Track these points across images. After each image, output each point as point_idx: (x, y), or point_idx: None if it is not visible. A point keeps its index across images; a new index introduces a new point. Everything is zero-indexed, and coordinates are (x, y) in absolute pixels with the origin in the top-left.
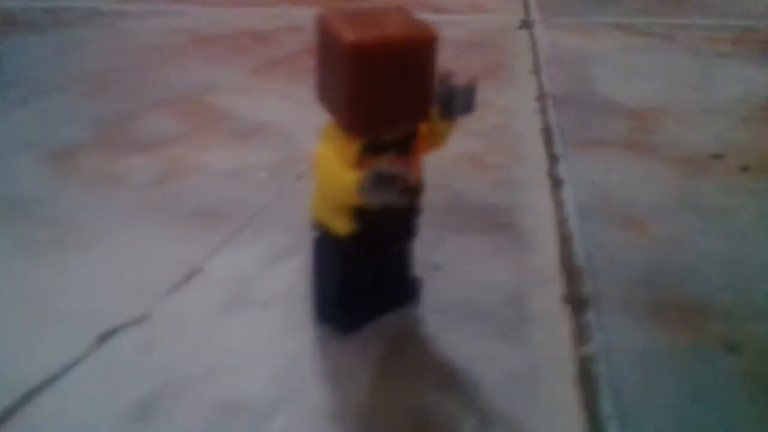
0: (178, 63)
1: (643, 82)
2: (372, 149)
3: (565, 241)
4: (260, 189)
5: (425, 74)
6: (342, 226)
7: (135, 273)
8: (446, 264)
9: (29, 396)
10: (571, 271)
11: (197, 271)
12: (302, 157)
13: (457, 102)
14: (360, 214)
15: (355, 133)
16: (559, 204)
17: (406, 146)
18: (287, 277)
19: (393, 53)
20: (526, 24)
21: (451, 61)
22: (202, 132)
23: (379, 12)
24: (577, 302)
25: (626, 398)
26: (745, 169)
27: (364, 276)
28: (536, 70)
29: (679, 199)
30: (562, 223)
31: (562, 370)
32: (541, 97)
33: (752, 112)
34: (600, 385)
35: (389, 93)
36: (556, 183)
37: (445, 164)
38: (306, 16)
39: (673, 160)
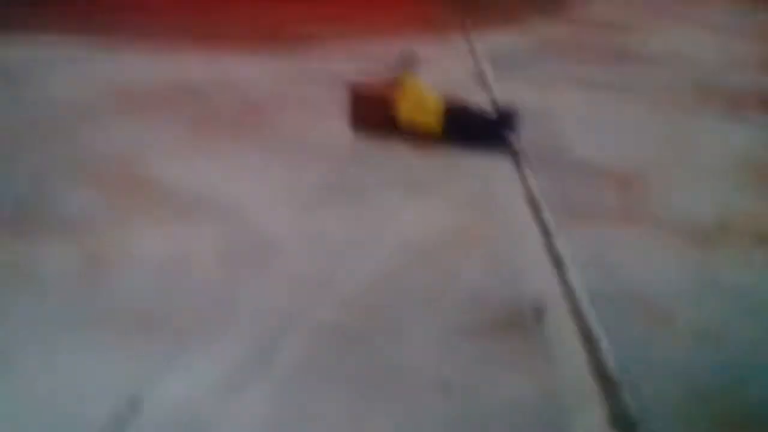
0: (96, 121)
1: (616, 140)
2: None
3: (590, 342)
4: (207, 282)
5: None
6: None
7: (59, 411)
8: (457, 381)
9: None
10: (607, 383)
11: (137, 403)
12: (256, 237)
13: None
14: None
15: None
16: (568, 291)
17: None
18: (254, 412)
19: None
20: (480, 79)
21: None
22: (130, 208)
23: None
24: (626, 426)
25: None
26: (761, 238)
27: None
28: None
29: (698, 278)
30: (579, 318)
31: None
32: (516, 159)
33: (741, 173)
34: None
35: None
36: (558, 264)
37: (430, 240)
38: (244, 69)
39: (675, 232)
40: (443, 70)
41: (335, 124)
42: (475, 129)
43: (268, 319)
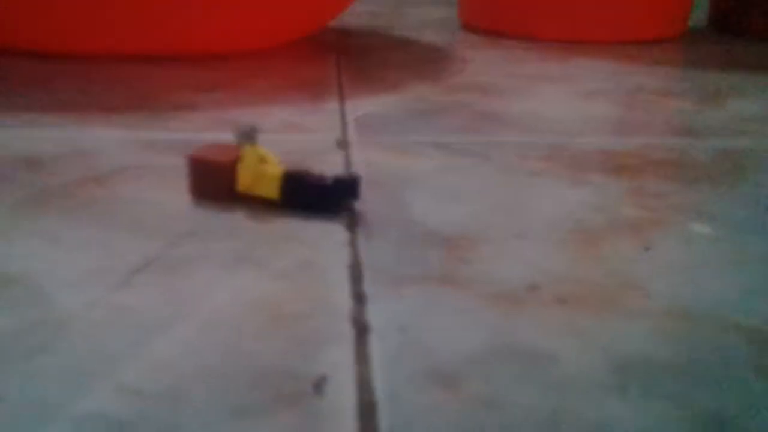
0: None
1: (460, 206)
2: None
3: (366, 413)
4: None
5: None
6: None
7: None
8: None
9: None
10: None
11: None
12: (49, 321)
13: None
14: None
15: None
16: (362, 360)
17: None
18: None
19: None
20: (342, 144)
21: None
22: None
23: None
24: None
25: None
26: (561, 301)
27: None
28: None
29: (494, 344)
30: (364, 387)
31: None
32: (352, 227)
33: (565, 236)
34: None
35: None
36: (362, 332)
37: (237, 319)
38: (99, 139)
39: (487, 295)
40: (307, 136)
41: (176, 196)
42: (312, 196)
43: (26, 413)
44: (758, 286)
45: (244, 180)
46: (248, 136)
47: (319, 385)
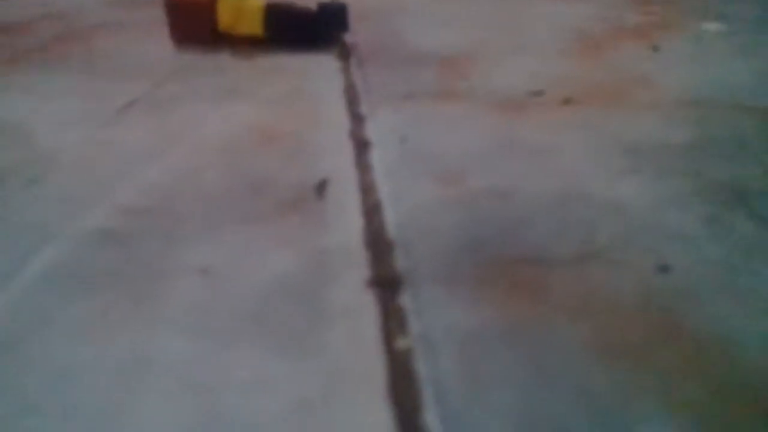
0: None
1: (456, 30)
2: None
3: (372, 212)
4: None
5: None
6: None
7: None
8: (218, 266)
9: None
10: (378, 246)
11: None
12: (39, 157)
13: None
14: None
15: None
16: (365, 169)
17: None
18: None
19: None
20: None
21: None
22: None
23: None
24: (386, 284)
25: (453, 403)
26: (566, 101)
27: None
28: None
29: (498, 143)
30: (367, 190)
31: (371, 380)
32: (344, 55)
33: (568, 45)
34: (419, 392)
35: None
36: (362, 146)
37: (230, 141)
38: (72, 0)
39: (490, 104)
40: None
41: (158, 45)
42: (299, 28)
43: (28, 232)
44: None
45: (225, 18)
46: None
47: (322, 189)
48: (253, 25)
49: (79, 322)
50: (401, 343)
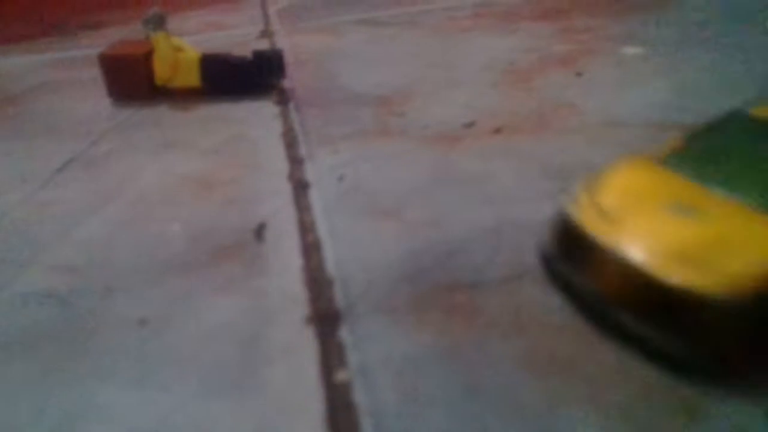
0: None
1: (390, 69)
2: None
3: (311, 250)
4: None
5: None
6: None
7: None
8: (157, 316)
9: None
10: (317, 284)
11: None
12: None
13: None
14: None
15: None
16: (304, 209)
17: None
18: None
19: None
20: (266, 34)
21: None
22: None
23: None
24: (325, 320)
25: (391, 428)
26: (497, 131)
27: None
28: None
29: (433, 175)
30: (306, 230)
31: (310, 414)
32: (282, 100)
33: (498, 77)
34: (357, 422)
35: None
36: (301, 187)
37: (169, 192)
38: (11, 62)
39: (425, 138)
40: (230, 32)
41: (95, 102)
42: (235, 76)
43: None
44: (691, 88)
45: (162, 71)
46: (156, 22)
47: (260, 232)
48: (190, 77)
49: (18, 382)
50: (340, 376)
